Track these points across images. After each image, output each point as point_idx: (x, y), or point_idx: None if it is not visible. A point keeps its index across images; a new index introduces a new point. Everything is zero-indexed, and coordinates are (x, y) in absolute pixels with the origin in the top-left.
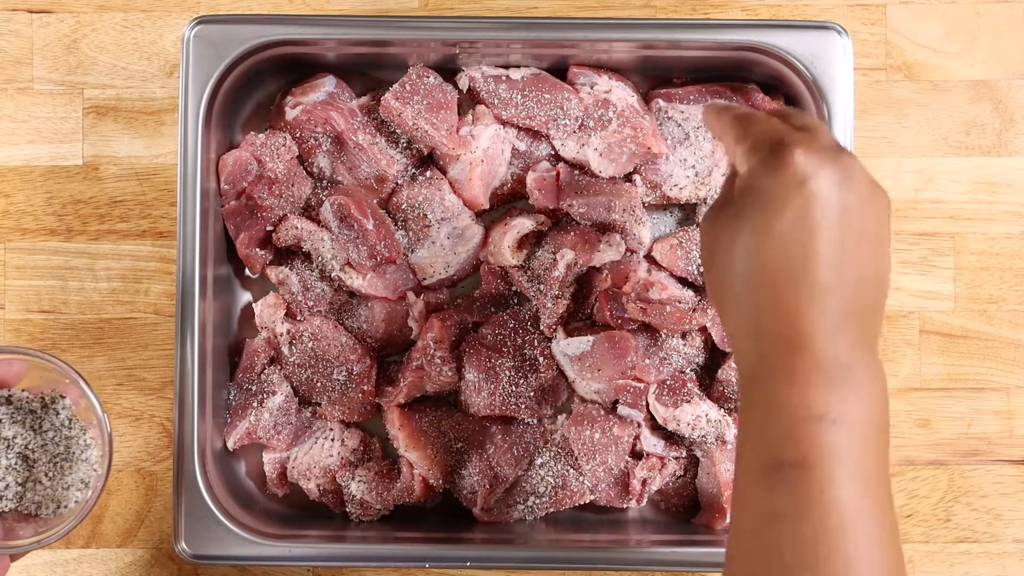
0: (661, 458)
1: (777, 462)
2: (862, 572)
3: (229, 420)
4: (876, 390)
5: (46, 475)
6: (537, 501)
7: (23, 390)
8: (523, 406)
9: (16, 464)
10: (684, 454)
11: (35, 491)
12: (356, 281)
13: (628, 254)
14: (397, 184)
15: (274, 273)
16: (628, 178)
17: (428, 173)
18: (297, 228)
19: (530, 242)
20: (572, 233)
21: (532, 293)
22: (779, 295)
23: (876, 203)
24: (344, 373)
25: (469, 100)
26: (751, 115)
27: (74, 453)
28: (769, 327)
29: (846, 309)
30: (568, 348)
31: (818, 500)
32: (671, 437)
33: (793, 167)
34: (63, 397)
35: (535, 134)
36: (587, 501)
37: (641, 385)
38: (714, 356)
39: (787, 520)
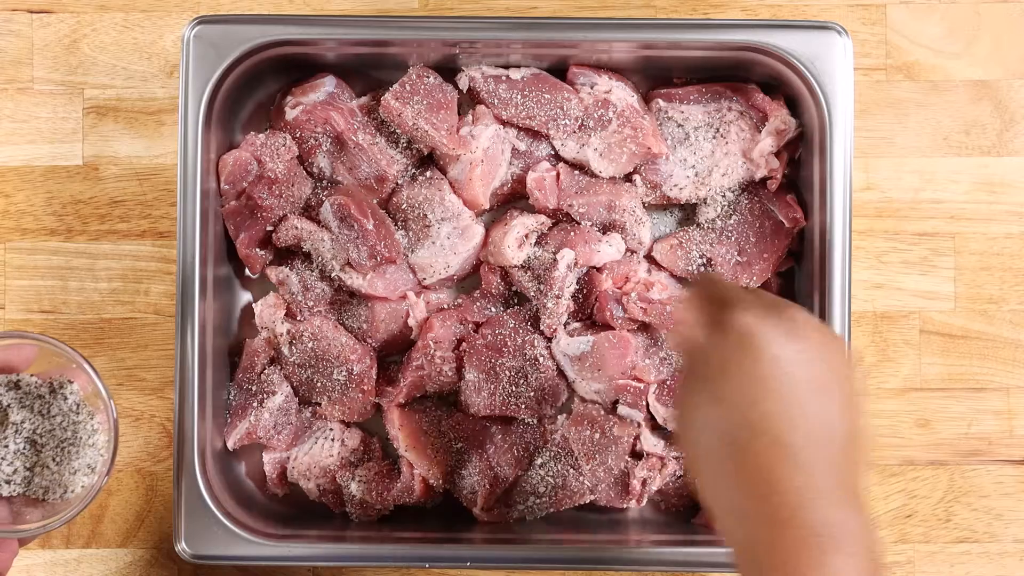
0: (661, 458)
1: None
2: None
3: (229, 420)
4: (864, 554)
5: (53, 460)
6: (537, 501)
7: (32, 375)
8: (523, 406)
9: (24, 449)
10: (684, 454)
11: (43, 476)
12: (356, 281)
13: (628, 254)
14: (397, 184)
15: (274, 273)
16: (628, 178)
17: (428, 173)
18: (297, 228)
19: (530, 242)
20: (572, 233)
21: (532, 293)
22: (749, 465)
23: (830, 350)
24: (344, 373)
25: (469, 100)
26: (701, 283)
27: (81, 438)
28: (749, 504)
29: (819, 467)
30: (568, 348)
31: None
32: (671, 437)
33: (736, 326)
34: (71, 382)
35: (535, 134)
36: (587, 501)
37: (641, 385)
38: None
39: None
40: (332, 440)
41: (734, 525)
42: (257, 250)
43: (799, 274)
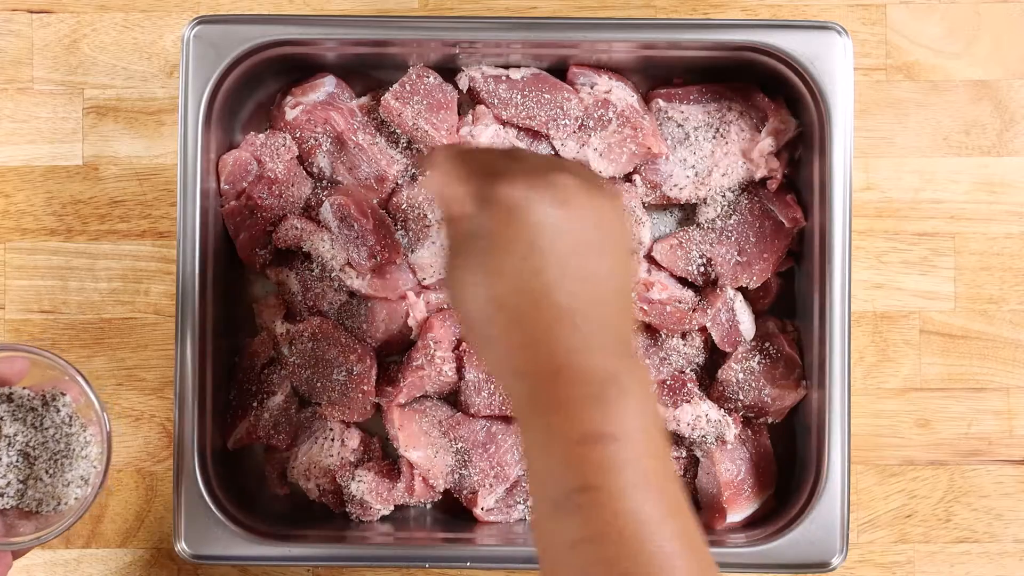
0: None
1: (564, 491)
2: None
3: (229, 420)
4: (641, 393)
5: (47, 472)
6: None
7: (24, 388)
8: None
9: (17, 461)
10: (684, 454)
11: (36, 488)
12: (356, 281)
13: None
14: (397, 184)
15: (274, 273)
16: (628, 178)
17: (429, 173)
18: (297, 228)
19: None
20: None
21: None
22: (528, 330)
23: (601, 211)
24: (344, 373)
25: (469, 100)
26: (460, 151)
27: (74, 450)
28: (526, 363)
29: (594, 325)
30: None
31: (612, 518)
32: (671, 437)
33: (501, 199)
34: (63, 395)
35: (535, 134)
36: None
37: None
38: (714, 356)
39: (587, 544)
40: (332, 440)
41: (513, 382)
42: (257, 250)
43: (799, 274)
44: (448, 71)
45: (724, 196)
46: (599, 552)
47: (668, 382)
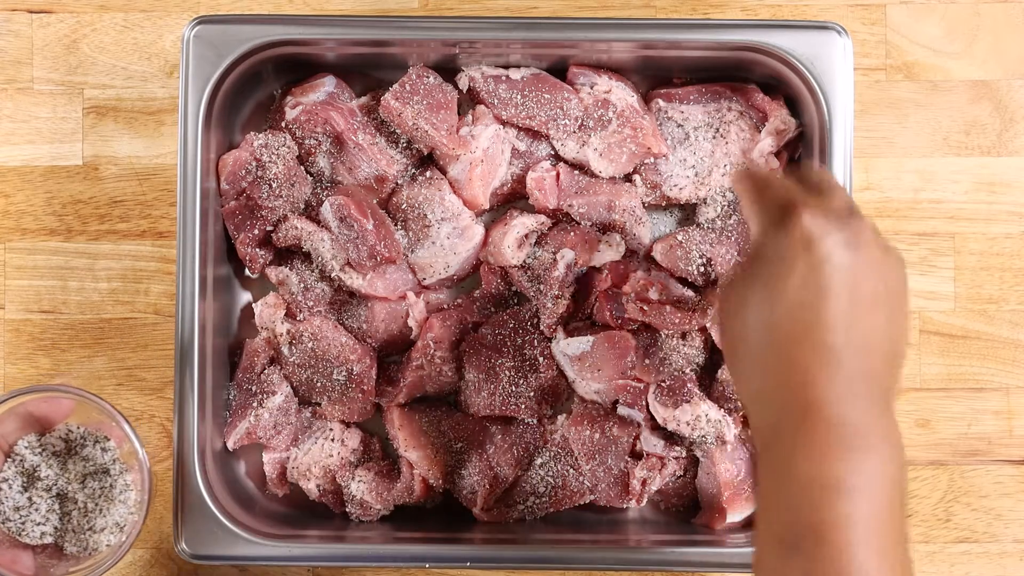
0: (661, 458)
1: (794, 532)
2: None
3: (229, 420)
4: (891, 454)
5: (83, 515)
6: (537, 501)
7: (68, 426)
8: (523, 406)
9: (54, 503)
10: (684, 454)
11: (71, 530)
12: (356, 281)
13: (628, 254)
14: (397, 184)
15: (274, 273)
16: (628, 178)
17: (428, 173)
18: (297, 228)
19: (530, 242)
20: (572, 233)
21: (532, 293)
22: (790, 359)
23: (888, 266)
24: (344, 373)
25: (469, 100)
26: (766, 178)
27: (113, 495)
28: (781, 394)
29: (858, 373)
30: (568, 348)
31: (835, 571)
32: (671, 437)
33: (800, 229)
34: (107, 439)
35: (535, 134)
36: (587, 501)
37: (641, 385)
38: (714, 356)
39: None
40: (332, 440)
41: (762, 410)
42: (257, 250)
43: None
44: (448, 71)
45: (724, 196)
46: None
47: (668, 382)
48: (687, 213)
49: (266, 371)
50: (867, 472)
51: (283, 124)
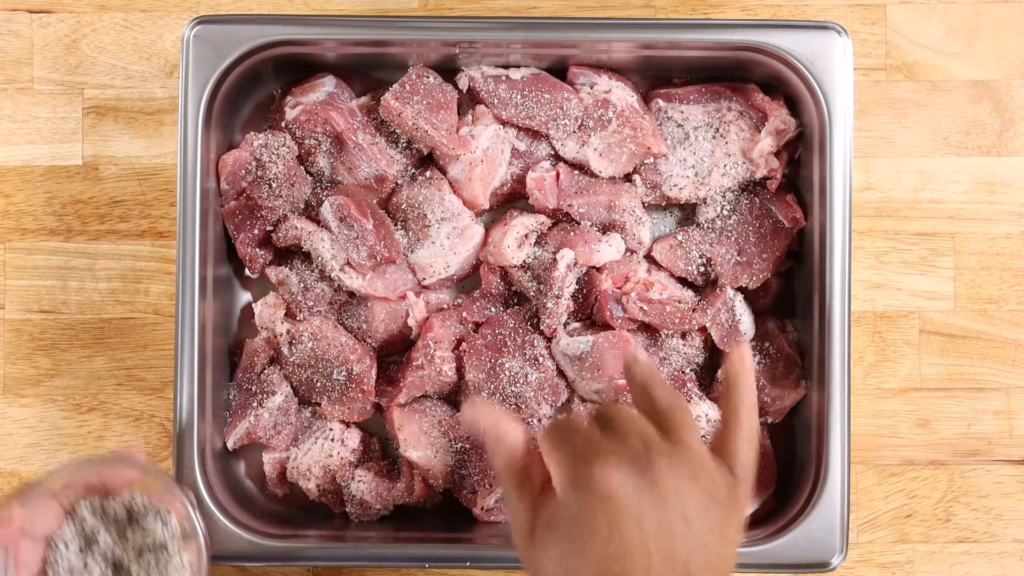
0: None
1: None
2: None
3: (229, 420)
4: None
5: None
6: None
7: (132, 495)
8: (523, 406)
9: (107, 570)
10: None
11: None
12: (356, 281)
13: (628, 254)
14: (397, 184)
15: (274, 273)
16: (628, 178)
17: (428, 173)
18: (297, 228)
19: (530, 242)
20: (572, 233)
21: (532, 293)
22: None
23: (696, 507)
24: (344, 373)
25: (469, 100)
26: (569, 428)
27: (167, 572)
28: None
29: None
30: (568, 348)
31: None
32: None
33: (596, 487)
34: (169, 512)
35: (535, 134)
36: None
37: None
38: (714, 356)
39: None
40: (332, 440)
41: None
42: (257, 250)
43: (799, 274)
44: (448, 71)
45: (724, 196)
46: None
47: (668, 382)
48: (687, 213)
49: (266, 371)
50: None
51: (283, 124)
